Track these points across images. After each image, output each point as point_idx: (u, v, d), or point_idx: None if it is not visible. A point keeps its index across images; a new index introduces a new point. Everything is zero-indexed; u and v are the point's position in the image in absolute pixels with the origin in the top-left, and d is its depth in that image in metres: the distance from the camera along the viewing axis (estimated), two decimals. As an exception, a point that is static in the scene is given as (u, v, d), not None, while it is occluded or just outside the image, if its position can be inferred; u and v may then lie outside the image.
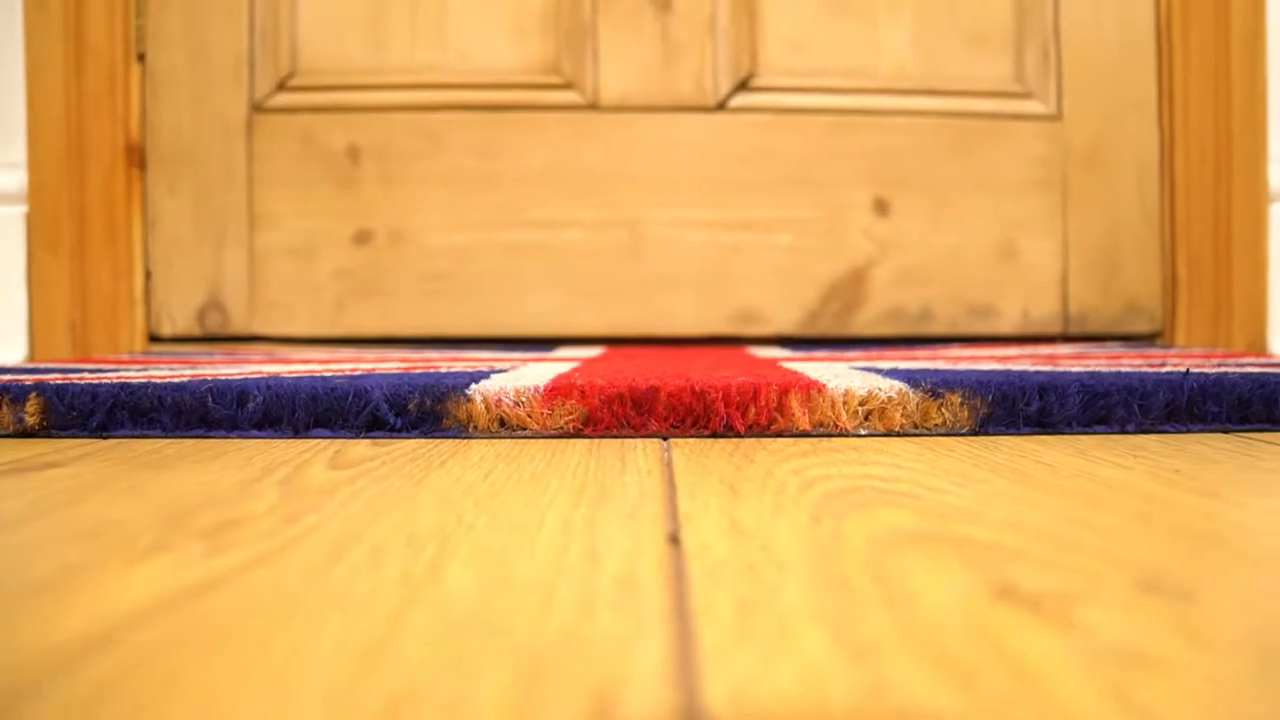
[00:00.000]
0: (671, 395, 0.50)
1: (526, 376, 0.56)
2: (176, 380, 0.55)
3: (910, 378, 0.54)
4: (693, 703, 0.18)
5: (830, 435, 0.51)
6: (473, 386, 0.51)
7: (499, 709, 0.18)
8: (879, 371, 0.59)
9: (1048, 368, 0.64)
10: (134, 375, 0.61)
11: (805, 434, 0.51)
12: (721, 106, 1.06)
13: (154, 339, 1.05)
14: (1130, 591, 0.25)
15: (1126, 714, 0.17)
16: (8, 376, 0.60)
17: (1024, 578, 0.26)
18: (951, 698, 0.18)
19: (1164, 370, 0.58)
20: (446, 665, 0.20)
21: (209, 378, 0.58)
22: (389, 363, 0.73)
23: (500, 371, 0.62)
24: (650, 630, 0.22)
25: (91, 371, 0.66)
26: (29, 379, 0.57)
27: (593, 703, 0.18)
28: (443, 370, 0.64)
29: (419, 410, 0.51)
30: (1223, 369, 0.61)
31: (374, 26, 1.05)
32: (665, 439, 0.51)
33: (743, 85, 1.06)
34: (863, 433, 0.51)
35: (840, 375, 0.56)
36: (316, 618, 0.24)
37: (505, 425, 0.51)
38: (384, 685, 0.19)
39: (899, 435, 0.51)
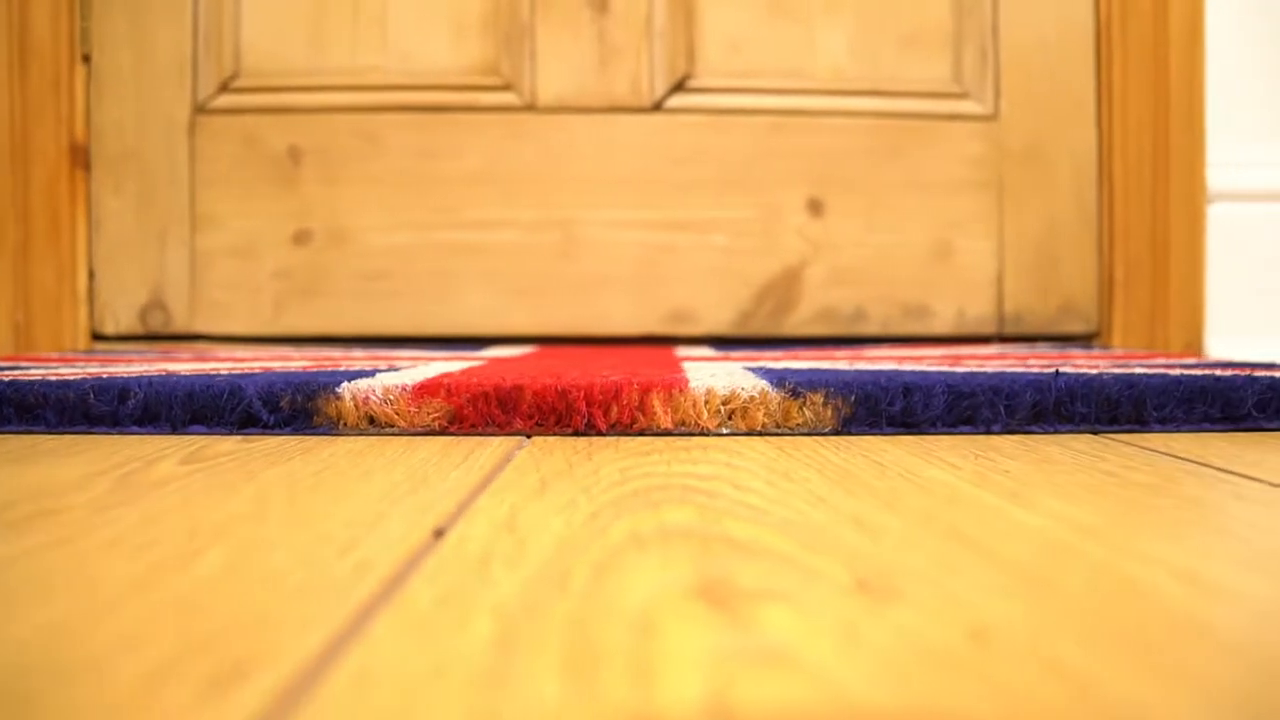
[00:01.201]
0: (536, 394, 0.51)
1: (410, 375, 0.57)
2: (65, 378, 0.57)
3: (780, 378, 0.54)
4: (305, 686, 0.19)
5: (693, 434, 0.52)
6: (343, 385, 0.52)
7: (130, 685, 0.19)
8: (763, 371, 0.60)
9: (942, 368, 0.65)
10: (39, 373, 0.62)
11: (668, 433, 0.51)
12: (658, 107, 1.07)
13: (97, 337, 1.06)
14: (838, 591, 0.25)
15: (709, 713, 0.18)
16: (-91, 373, 0.62)
17: (745, 576, 0.26)
18: (558, 691, 0.19)
19: (1033, 371, 0.59)
20: (118, 643, 0.21)
21: (110, 375, 0.59)
22: (299, 360, 0.75)
23: (396, 369, 0.63)
24: (333, 618, 0.23)
25: (8, 369, 0.68)
26: (-75, 375, 0.59)
27: (213, 684, 0.19)
28: (342, 369, 0.65)
29: (291, 407, 0.52)
30: (1118, 369, 0.62)
31: (316, 28, 1.06)
32: (529, 437, 0.51)
33: (679, 86, 1.07)
34: (724, 432, 0.52)
35: (718, 375, 0.56)
36: (37, 600, 0.25)
37: (375, 423, 0.52)
38: (45, 660, 0.20)
39: (761, 434, 0.52)
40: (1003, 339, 1.08)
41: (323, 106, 1.06)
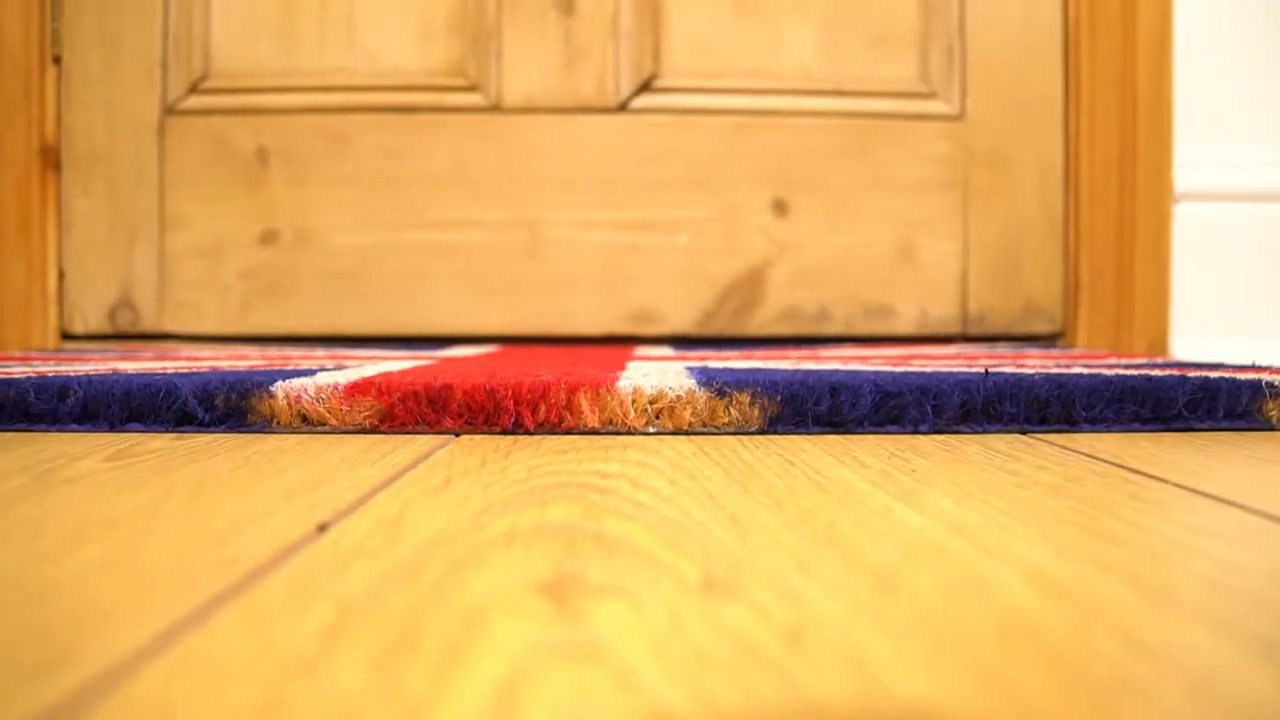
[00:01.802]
0: (466, 393, 0.52)
1: (348, 374, 0.58)
2: (14, 376, 0.57)
3: (710, 377, 0.55)
4: (124, 673, 0.20)
5: (621, 434, 0.52)
6: (277, 384, 0.53)
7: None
8: (699, 371, 0.61)
9: (882, 368, 0.65)
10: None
11: (596, 432, 0.52)
12: (623, 108, 1.08)
13: (67, 336, 1.07)
14: (680, 589, 0.25)
15: (492, 711, 0.18)
16: None
17: (597, 572, 0.27)
18: (360, 680, 0.19)
19: (963, 371, 0.59)
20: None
21: (56, 374, 0.60)
22: (255, 359, 0.75)
23: (344, 368, 0.64)
24: (179, 608, 0.24)
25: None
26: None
27: (31, 671, 0.20)
28: (289, 367, 0.66)
29: (226, 406, 0.53)
30: (1058, 369, 0.62)
31: (284, 30, 1.07)
32: (458, 435, 0.52)
33: (645, 86, 1.07)
34: (651, 431, 0.52)
35: (651, 374, 0.57)
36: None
37: (308, 421, 0.53)
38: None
39: (688, 434, 0.52)
40: (967, 339, 1.08)
41: (290, 107, 1.07)
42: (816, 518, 0.34)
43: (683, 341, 1.08)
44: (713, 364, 0.69)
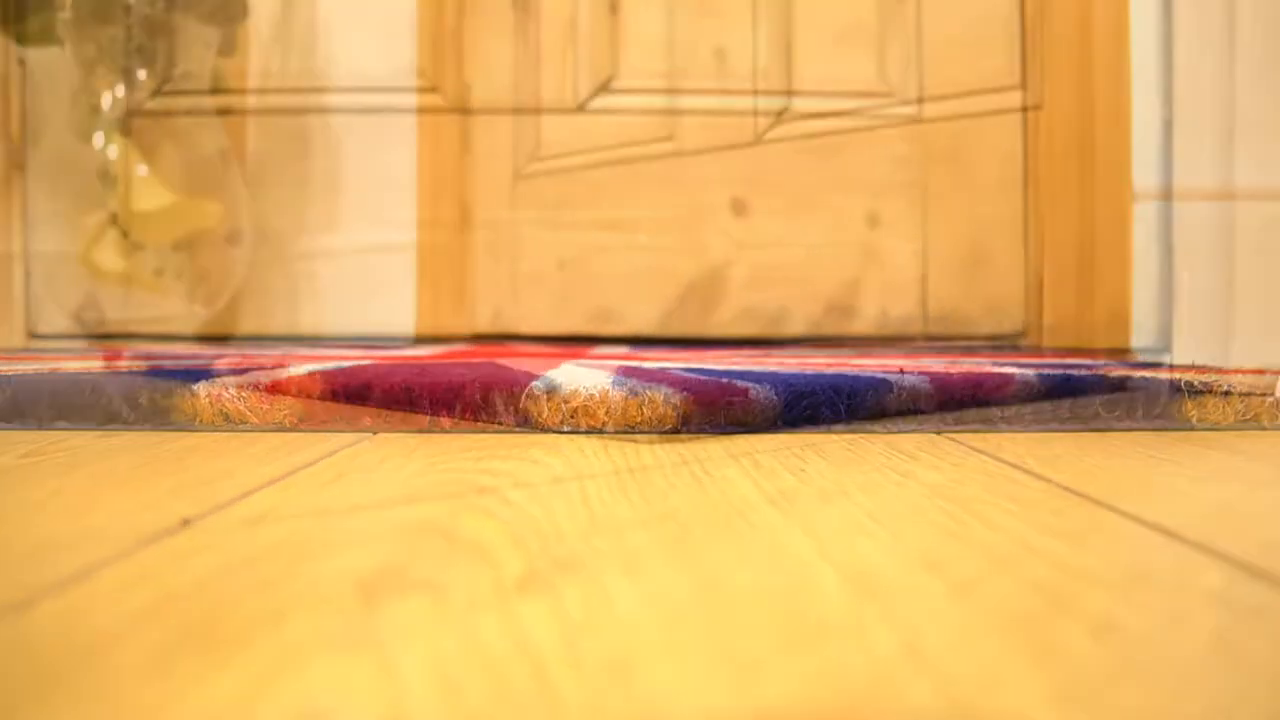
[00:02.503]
0: (384, 392, 0.53)
1: (278, 373, 0.59)
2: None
3: (625, 377, 0.56)
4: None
5: (537, 432, 0.53)
6: (199, 383, 0.54)
7: None
8: (622, 370, 0.61)
9: (804, 369, 0.66)
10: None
11: (512, 430, 0.53)
12: (582, 108, 1.09)
13: (35, 336, 1.09)
14: (495, 584, 0.26)
15: (246, 695, 0.19)
16: None
17: (423, 567, 0.28)
18: (142, 661, 0.20)
19: (879, 372, 0.60)
20: None
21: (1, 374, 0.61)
22: (202, 359, 0.76)
23: (284, 368, 0.65)
24: (7, 596, 0.25)
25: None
26: None
27: None
28: (227, 367, 0.67)
29: (150, 404, 0.54)
30: (994, 368, 0.63)
31: (251, 33, 1.08)
32: (376, 433, 0.53)
33: (604, 87, 1.08)
34: (566, 430, 0.53)
35: (576, 374, 0.58)
36: None
37: (230, 419, 0.54)
38: None
39: (603, 434, 0.53)
40: (929, 339, 1.09)
41: (255, 109, 1.08)
42: (676, 518, 0.35)
43: (643, 341, 1.09)
44: (646, 364, 0.70)
